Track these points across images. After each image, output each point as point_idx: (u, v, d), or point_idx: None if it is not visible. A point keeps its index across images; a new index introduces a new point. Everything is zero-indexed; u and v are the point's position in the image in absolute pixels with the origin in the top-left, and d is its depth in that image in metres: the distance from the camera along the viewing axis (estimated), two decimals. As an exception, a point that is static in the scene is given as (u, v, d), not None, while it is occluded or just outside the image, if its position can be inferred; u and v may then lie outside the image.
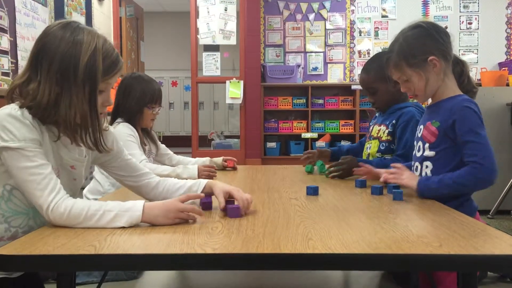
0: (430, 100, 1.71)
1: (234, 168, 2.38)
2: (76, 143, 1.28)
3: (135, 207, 1.18)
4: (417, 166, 1.64)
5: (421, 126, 1.66)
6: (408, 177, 1.57)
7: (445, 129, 1.53)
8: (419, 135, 1.65)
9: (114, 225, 1.15)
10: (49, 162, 1.22)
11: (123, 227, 1.14)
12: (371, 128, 2.23)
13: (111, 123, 2.27)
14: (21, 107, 1.22)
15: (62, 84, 1.22)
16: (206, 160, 2.42)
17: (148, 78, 2.35)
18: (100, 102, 1.29)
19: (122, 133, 2.15)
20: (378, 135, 2.10)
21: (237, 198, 1.33)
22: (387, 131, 2.06)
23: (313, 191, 1.60)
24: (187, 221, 1.20)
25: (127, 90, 2.28)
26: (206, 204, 1.35)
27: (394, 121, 2.04)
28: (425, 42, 1.55)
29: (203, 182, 1.46)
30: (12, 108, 1.20)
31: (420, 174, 1.62)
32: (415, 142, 1.69)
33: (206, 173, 2.07)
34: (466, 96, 1.56)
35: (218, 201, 1.34)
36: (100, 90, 1.27)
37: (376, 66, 2.09)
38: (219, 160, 2.38)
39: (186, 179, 2.00)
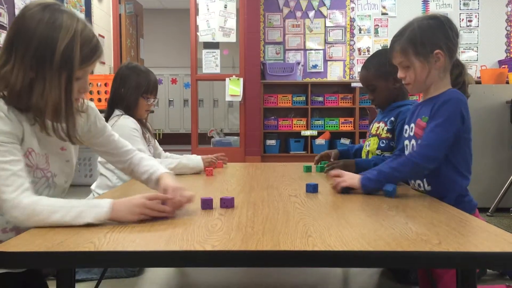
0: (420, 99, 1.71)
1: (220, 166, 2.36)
2: (46, 132, 1.24)
3: (103, 203, 1.15)
4: None
5: (412, 125, 1.65)
6: (349, 178, 1.58)
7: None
8: (411, 133, 1.64)
9: (80, 221, 1.11)
10: (21, 158, 1.19)
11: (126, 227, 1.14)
12: (371, 126, 2.23)
13: (109, 113, 2.30)
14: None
15: (37, 69, 1.18)
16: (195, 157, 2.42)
17: (144, 69, 2.37)
18: (77, 88, 1.25)
19: (126, 127, 2.18)
20: (378, 132, 2.10)
21: (168, 197, 1.25)
22: (386, 128, 2.06)
23: (312, 189, 1.60)
24: (155, 218, 1.18)
25: (123, 80, 2.30)
26: (206, 203, 1.35)
27: (392, 119, 2.04)
28: (437, 35, 1.55)
29: (159, 173, 1.43)
30: None
31: None
32: (407, 141, 1.67)
33: (209, 159, 2.22)
34: (457, 90, 1.57)
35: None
36: (77, 78, 1.23)
37: (376, 63, 2.09)
38: (208, 158, 2.35)
39: (192, 168, 2.15)
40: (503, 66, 5.63)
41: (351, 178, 1.57)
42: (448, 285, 1.47)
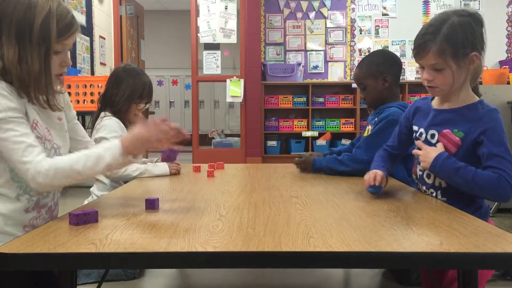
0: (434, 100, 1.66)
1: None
2: (31, 101, 1.33)
3: (114, 145, 1.29)
4: (428, 174, 1.56)
5: (434, 131, 1.53)
6: (425, 156, 1.47)
7: (471, 140, 1.43)
8: (432, 140, 1.52)
9: (102, 164, 1.26)
10: (31, 131, 1.28)
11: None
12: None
13: (99, 112, 2.30)
14: None
15: (19, 45, 1.27)
16: None
17: (140, 72, 2.35)
18: (58, 62, 1.35)
19: (111, 126, 2.19)
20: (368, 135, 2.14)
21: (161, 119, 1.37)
22: (372, 129, 2.10)
23: (375, 189, 1.51)
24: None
25: (117, 82, 2.28)
26: (170, 156, 1.36)
27: (376, 119, 2.08)
28: (475, 35, 1.41)
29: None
30: None
31: (434, 182, 1.54)
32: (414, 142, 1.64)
33: (175, 167, 2.11)
34: (490, 105, 1.47)
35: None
36: (56, 51, 1.33)
37: (369, 62, 2.15)
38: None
39: (160, 175, 2.07)
40: (504, 66, 5.62)
41: (426, 158, 1.46)
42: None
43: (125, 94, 2.25)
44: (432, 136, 1.53)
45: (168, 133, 1.31)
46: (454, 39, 1.39)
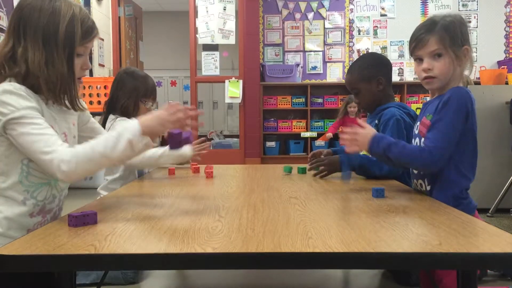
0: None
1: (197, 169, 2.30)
2: (58, 102, 1.36)
3: (131, 125, 1.27)
4: None
5: (418, 123, 1.64)
6: (362, 142, 1.56)
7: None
8: (416, 132, 1.63)
9: (123, 142, 1.23)
10: (52, 127, 1.30)
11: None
12: None
13: (106, 115, 2.30)
14: (15, 80, 1.30)
15: (45, 49, 1.31)
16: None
17: (142, 73, 2.39)
18: (80, 65, 1.39)
19: None
20: None
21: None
22: None
23: (378, 193, 1.53)
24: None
25: (120, 84, 2.32)
26: (186, 139, 1.38)
27: (376, 121, 2.06)
28: (463, 31, 1.55)
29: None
30: (4, 84, 1.28)
31: (419, 171, 1.61)
32: (412, 140, 1.68)
33: (198, 148, 2.23)
34: (463, 87, 1.55)
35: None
36: (79, 54, 1.38)
37: (359, 66, 2.13)
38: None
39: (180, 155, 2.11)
40: (502, 66, 5.64)
41: (363, 143, 1.56)
42: (449, 286, 1.47)
43: (128, 92, 2.29)
44: (416, 127, 1.63)
45: (186, 113, 1.31)
46: (451, 29, 1.53)
